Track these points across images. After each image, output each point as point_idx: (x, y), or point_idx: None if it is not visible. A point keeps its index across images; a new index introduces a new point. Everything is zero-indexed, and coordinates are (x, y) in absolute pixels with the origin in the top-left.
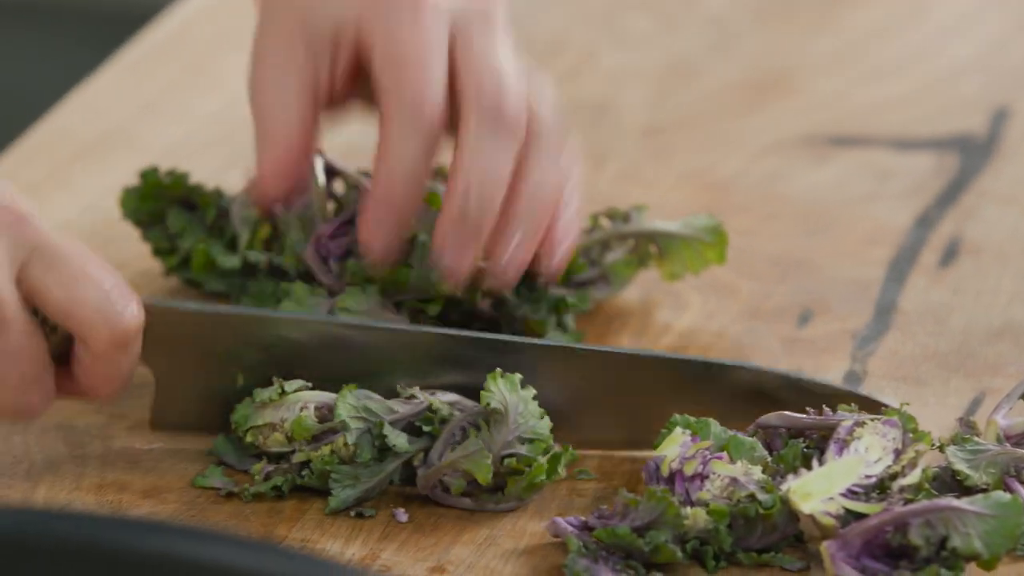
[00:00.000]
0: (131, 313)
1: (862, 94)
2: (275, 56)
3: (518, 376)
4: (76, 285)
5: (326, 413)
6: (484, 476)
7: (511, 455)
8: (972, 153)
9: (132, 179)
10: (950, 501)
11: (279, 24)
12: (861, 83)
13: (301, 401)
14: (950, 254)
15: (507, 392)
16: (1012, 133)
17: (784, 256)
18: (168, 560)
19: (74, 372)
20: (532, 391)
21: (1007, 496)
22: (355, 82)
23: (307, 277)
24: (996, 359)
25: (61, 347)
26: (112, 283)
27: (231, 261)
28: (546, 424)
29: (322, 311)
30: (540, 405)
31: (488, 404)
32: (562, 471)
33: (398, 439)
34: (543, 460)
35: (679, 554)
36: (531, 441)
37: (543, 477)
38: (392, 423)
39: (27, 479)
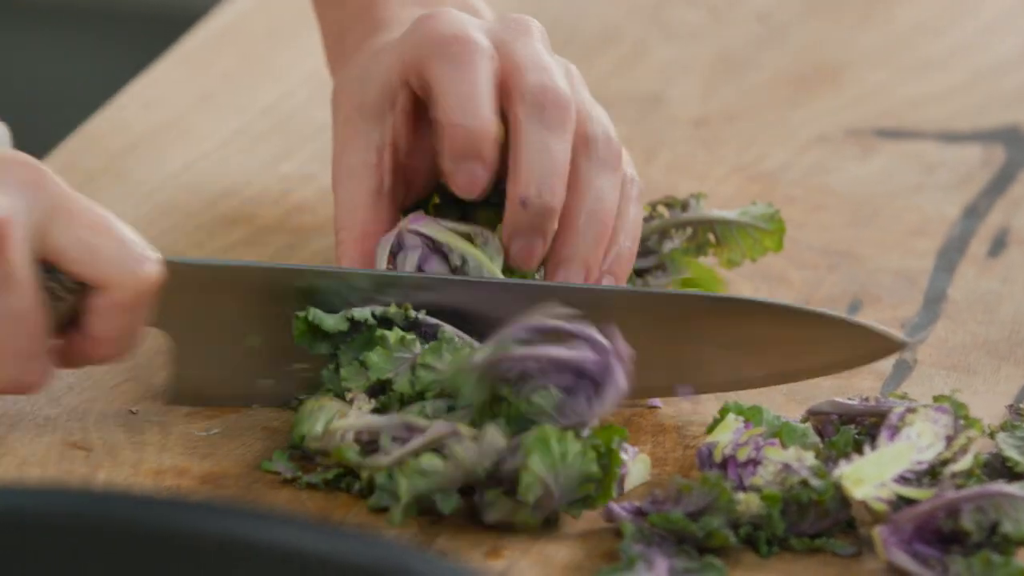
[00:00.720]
0: (152, 263)
1: (908, 87)
2: (342, 143)
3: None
4: (98, 236)
5: (365, 437)
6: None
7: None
8: (1018, 145)
9: (187, 171)
10: (1002, 487)
11: (343, 108)
12: (907, 76)
13: (343, 429)
14: (999, 244)
15: (545, 471)
16: None
17: (832, 246)
18: (228, 541)
19: (82, 336)
20: (575, 446)
21: None
22: (421, 136)
23: (415, 326)
24: None
25: (64, 320)
26: (132, 236)
27: (337, 323)
28: (590, 465)
29: (406, 365)
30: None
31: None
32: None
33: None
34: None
35: (732, 539)
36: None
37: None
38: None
39: (86, 465)
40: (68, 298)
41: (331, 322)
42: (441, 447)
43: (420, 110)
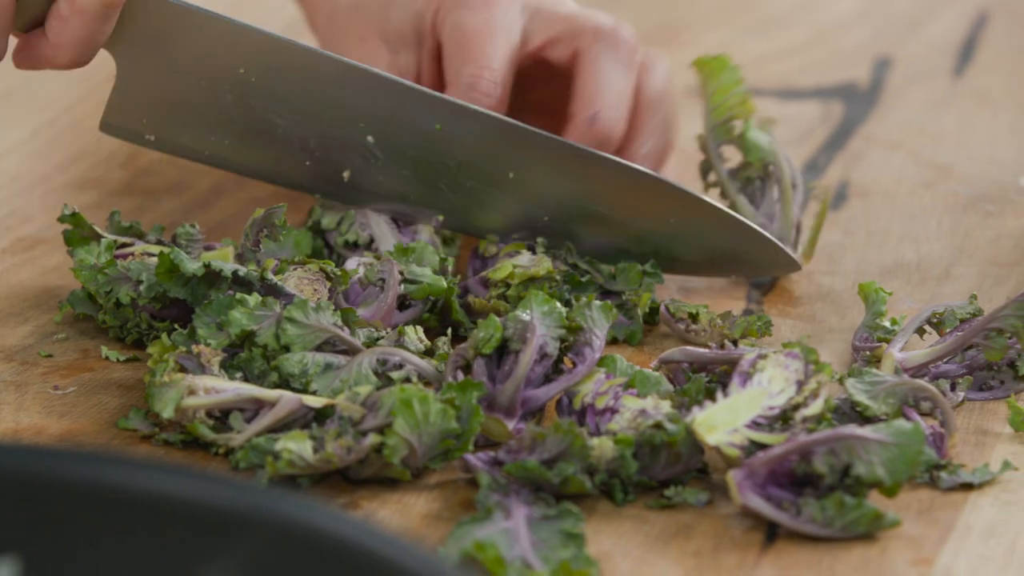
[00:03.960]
0: None
1: (747, 46)
2: (359, 57)
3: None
4: None
5: (217, 412)
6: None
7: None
8: (856, 101)
9: (34, 137)
10: (853, 430)
11: (351, 29)
12: (746, 36)
13: (193, 408)
14: (840, 197)
15: (409, 432)
16: (894, 81)
17: None
18: (94, 486)
19: (45, 38)
20: (436, 406)
21: (908, 424)
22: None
23: (272, 291)
24: (889, 297)
25: (36, 20)
26: None
27: (195, 268)
28: (450, 422)
29: (270, 321)
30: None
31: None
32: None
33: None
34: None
35: (588, 485)
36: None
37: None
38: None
39: None
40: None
41: (191, 266)
42: (310, 429)
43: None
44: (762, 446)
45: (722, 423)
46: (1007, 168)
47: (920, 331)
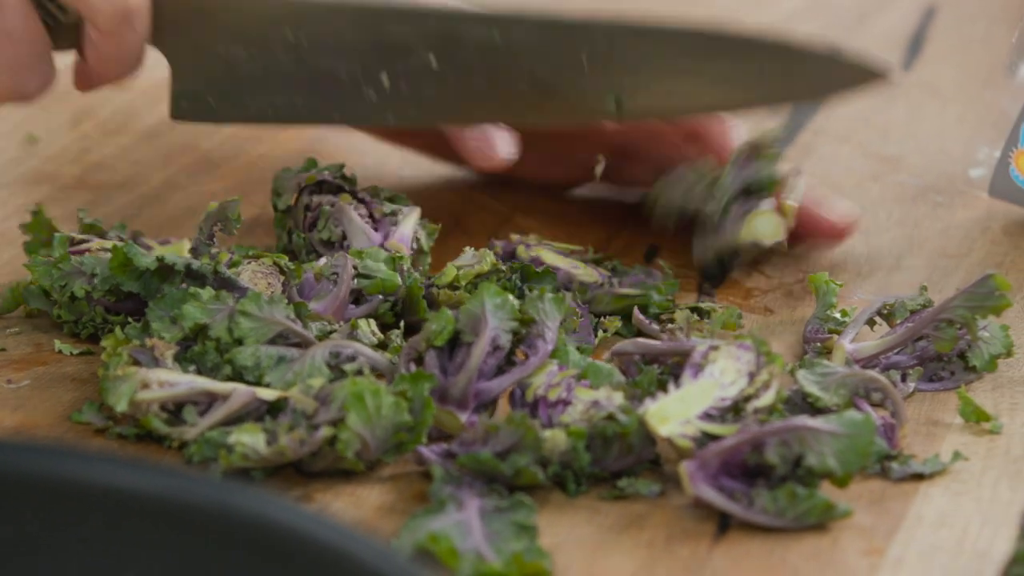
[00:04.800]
0: None
1: None
2: None
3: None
4: None
5: (171, 405)
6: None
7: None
8: None
9: None
10: (805, 420)
11: None
12: None
13: (147, 401)
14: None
15: (362, 426)
16: None
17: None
18: (50, 480)
19: (86, 57)
20: (388, 399)
21: (859, 415)
22: None
23: (226, 285)
24: (840, 288)
25: (71, 38)
26: None
27: (147, 260)
28: (403, 414)
29: (223, 314)
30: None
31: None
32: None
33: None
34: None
35: (541, 476)
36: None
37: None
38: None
39: None
40: (65, 17)
41: (144, 260)
42: (263, 421)
43: None
44: (714, 437)
45: (674, 414)
46: (956, 160)
47: (871, 322)
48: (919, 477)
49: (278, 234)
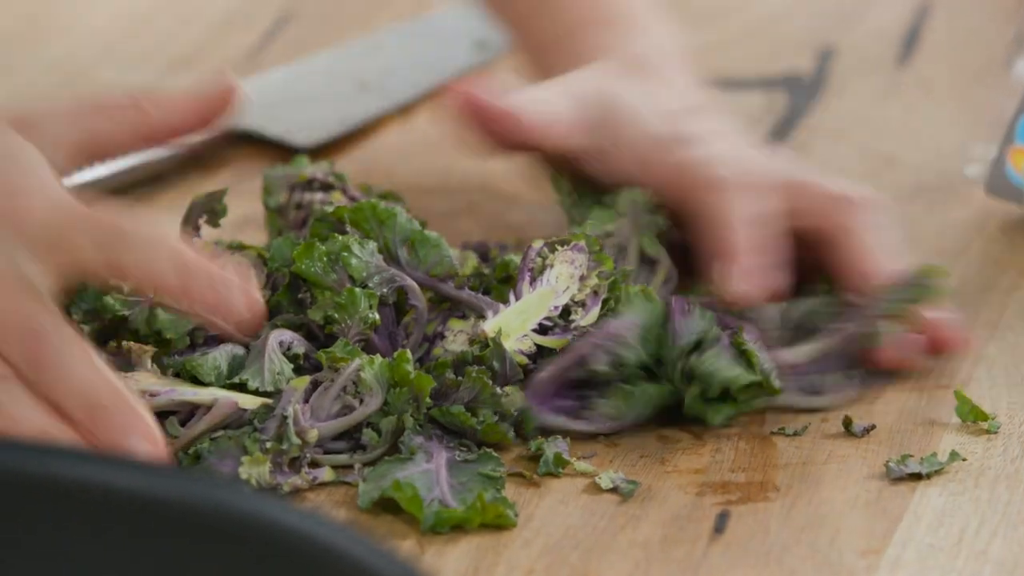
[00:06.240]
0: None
1: (690, 36)
2: None
3: None
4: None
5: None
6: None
7: None
8: (800, 91)
9: None
10: (608, 323)
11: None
12: (689, 25)
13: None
14: None
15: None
16: (838, 71)
17: None
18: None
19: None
20: None
21: (649, 303)
22: None
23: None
24: None
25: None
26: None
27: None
28: None
29: (142, 306)
30: None
31: None
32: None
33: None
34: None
35: (511, 435)
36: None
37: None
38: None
39: None
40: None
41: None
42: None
43: None
44: (550, 350)
45: (513, 329)
46: (951, 158)
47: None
48: (916, 477)
49: (269, 232)
